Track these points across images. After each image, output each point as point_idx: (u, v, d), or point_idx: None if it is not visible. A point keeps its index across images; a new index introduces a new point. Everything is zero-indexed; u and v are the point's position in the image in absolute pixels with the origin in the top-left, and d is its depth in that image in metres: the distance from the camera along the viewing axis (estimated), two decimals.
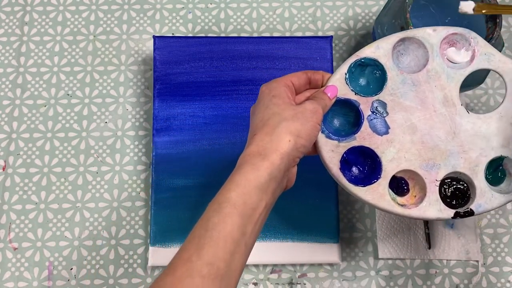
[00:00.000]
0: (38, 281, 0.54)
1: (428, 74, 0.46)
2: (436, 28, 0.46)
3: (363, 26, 0.63)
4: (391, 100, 0.46)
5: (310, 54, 0.57)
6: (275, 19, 0.63)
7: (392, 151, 0.45)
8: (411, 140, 0.45)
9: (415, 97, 0.46)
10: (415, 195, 0.46)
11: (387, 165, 0.45)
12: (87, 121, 0.59)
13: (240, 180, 0.37)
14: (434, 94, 0.46)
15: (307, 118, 0.41)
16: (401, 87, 0.46)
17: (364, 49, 0.46)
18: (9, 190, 0.57)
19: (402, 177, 0.46)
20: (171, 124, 0.56)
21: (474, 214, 0.44)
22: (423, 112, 0.46)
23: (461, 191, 0.46)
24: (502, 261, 0.55)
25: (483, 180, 0.45)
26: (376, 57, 0.46)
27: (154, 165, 0.55)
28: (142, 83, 0.60)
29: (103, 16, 0.63)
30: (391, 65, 0.46)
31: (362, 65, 0.47)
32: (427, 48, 0.46)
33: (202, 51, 0.57)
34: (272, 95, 0.42)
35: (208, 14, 0.63)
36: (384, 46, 0.46)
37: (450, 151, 0.45)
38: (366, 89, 0.47)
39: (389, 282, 0.55)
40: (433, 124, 0.46)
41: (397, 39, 0.46)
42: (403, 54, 0.47)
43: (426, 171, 0.45)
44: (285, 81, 0.43)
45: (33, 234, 0.55)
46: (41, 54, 0.61)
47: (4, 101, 0.60)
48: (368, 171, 0.46)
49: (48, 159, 0.58)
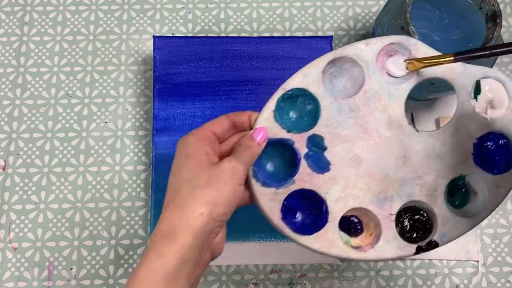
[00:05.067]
0: (38, 281, 0.54)
1: (366, 96, 0.41)
2: (369, 41, 0.41)
3: (363, 26, 0.63)
4: (328, 132, 0.41)
5: (310, 54, 0.57)
6: (275, 19, 0.63)
7: (336, 189, 0.40)
8: (356, 174, 0.40)
9: (355, 125, 0.41)
10: (371, 233, 0.41)
11: (333, 206, 0.40)
12: (87, 121, 0.59)
13: (144, 274, 0.32)
14: (376, 118, 0.41)
15: (224, 181, 0.35)
16: (337, 116, 0.41)
17: (290, 79, 0.41)
18: (9, 190, 0.57)
19: (354, 215, 0.41)
20: (171, 124, 0.56)
21: (439, 245, 0.40)
22: (366, 140, 0.41)
23: (421, 221, 0.41)
24: (502, 261, 0.55)
25: (444, 206, 0.40)
26: (305, 86, 0.41)
27: (154, 165, 0.55)
28: (142, 83, 0.60)
29: (103, 16, 0.63)
30: (323, 93, 0.41)
31: (292, 97, 0.41)
32: (362, 66, 0.41)
33: (202, 51, 0.57)
34: (186, 154, 0.37)
35: (208, 14, 0.63)
36: (313, 73, 0.41)
37: (402, 179, 0.40)
38: (300, 123, 0.41)
39: (389, 282, 0.55)
40: (379, 151, 0.40)
41: (325, 62, 0.41)
42: (337, 76, 0.42)
43: (378, 206, 0.40)
44: (204, 132, 0.38)
45: (33, 234, 0.55)
46: (41, 54, 0.61)
47: (4, 101, 0.60)
48: (314, 215, 0.41)
49: (48, 159, 0.58)
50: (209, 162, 0.37)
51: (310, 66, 0.41)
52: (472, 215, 0.41)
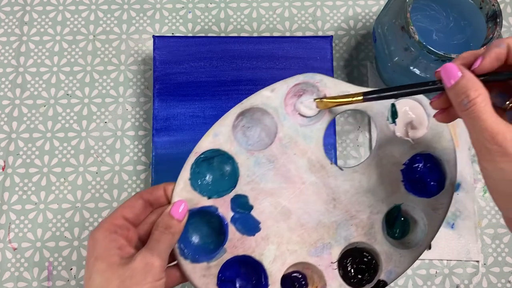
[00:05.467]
0: (38, 281, 0.54)
1: (282, 143, 0.39)
2: (273, 87, 0.40)
3: (363, 26, 0.62)
4: (251, 190, 0.38)
5: (310, 54, 0.57)
6: (275, 18, 0.63)
7: (271, 249, 0.38)
8: (288, 228, 0.38)
9: (276, 176, 0.39)
10: (317, 286, 0.39)
11: (271, 268, 0.38)
12: (86, 121, 0.59)
13: None
14: (296, 164, 0.39)
15: (138, 282, 0.33)
16: (257, 170, 0.39)
17: (201, 141, 0.39)
18: (9, 190, 0.57)
19: (296, 271, 0.39)
20: (170, 124, 0.56)
21: (388, 284, 0.39)
22: (290, 189, 0.38)
23: (365, 263, 0.39)
24: (503, 261, 0.55)
25: (385, 241, 0.39)
26: (217, 146, 0.39)
27: (154, 165, 0.55)
28: (142, 83, 0.60)
29: (102, 16, 0.63)
30: (237, 150, 0.39)
31: (207, 159, 0.39)
32: (271, 113, 0.39)
33: (202, 51, 0.57)
34: (95, 256, 0.34)
35: (208, 14, 0.63)
36: (223, 131, 0.39)
37: (336, 223, 0.38)
38: (221, 185, 0.39)
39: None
40: (307, 198, 0.38)
41: (233, 117, 0.39)
42: (250, 127, 0.40)
43: (317, 256, 0.38)
44: (114, 221, 0.35)
45: (32, 234, 0.55)
46: (41, 54, 0.61)
47: (4, 101, 0.59)
48: (253, 282, 0.39)
49: (47, 159, 0.58)
50: (121, 260, 0.34)
51: (219, 123, 0.39)
52: (415, 244, 0.39)
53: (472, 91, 0.31)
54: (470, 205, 0.56)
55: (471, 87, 0.31)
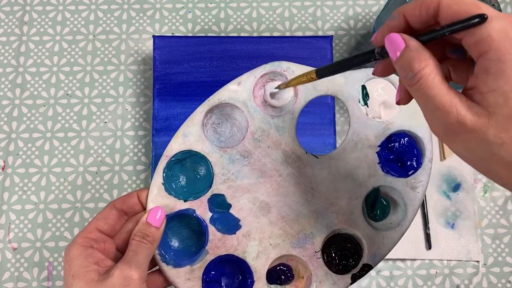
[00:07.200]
0: (38, 282, 0.54)
1: (254, 137, 0.38)
2: (240, 80, 0.39)
3: (363, 26, 0.62)
4: (227, 188, 0.38)
5: (310, 54, 0.57)
6: (275, 18, 0.63)
7: (253, 245, 0.38)
8: (269, 222, 0.38)
9: (252, 171, 0.38)
10: (303, 276, 0.39)
11: (255, 264, 0.38)
12: (86, 121, 0.59)
13: None
14: (271, 157, 0.38)
15: None
16: (232, 168, 0.38)
17: (171, 144, 0.38)
18: (9, 190, 0.57)
19: (281, 264, 0.39)
20: (170, 124, 0.56)
21: (373, 266, 0.39)
22: (267, 183, 0.38)
23: (349, 249, 0.39)
24: (503, 262, 0.55)
25: (366, 225, 0.39)
26: (188, 147, 0.38)
27: (154, 165, 0.55)
28: (141, 82, 0.60)
29: (102, 15, 0.62)
30: (209, 148, 0.38)
31: (179, 161, 0.39)
32: (240, 107, 0.39)
33: (202, 51, 0.57)
34: (72, 274, 0.33)
35: (208, 14, 0.63)
36: (192, 131, 0.38)
37: (317, 212, 0.38)
38: (196, 186, 0.38)
39: (390, 283, 0.54)
40: (285, 190, 0.38)
41: (202, 115, 0.38)
42: (220, 123, 0.39)
43: (301, 247, 0.38)
44: (88, 235, 0.34)
45: (32, 234, 0.55)
46: (41, 54, 0.61)
47: (4, 101, 0.59)
48: (239, 280, 0.39)
49: (47, 159, 0.58)
50: (99, 277, 0.33)
51: (187, 123, 0.38)
52: (397, 225, 0.39)
53: (417, 63, 0.26)
54: (470, 205, 0.56)
55: (416, 57, 0.26)
